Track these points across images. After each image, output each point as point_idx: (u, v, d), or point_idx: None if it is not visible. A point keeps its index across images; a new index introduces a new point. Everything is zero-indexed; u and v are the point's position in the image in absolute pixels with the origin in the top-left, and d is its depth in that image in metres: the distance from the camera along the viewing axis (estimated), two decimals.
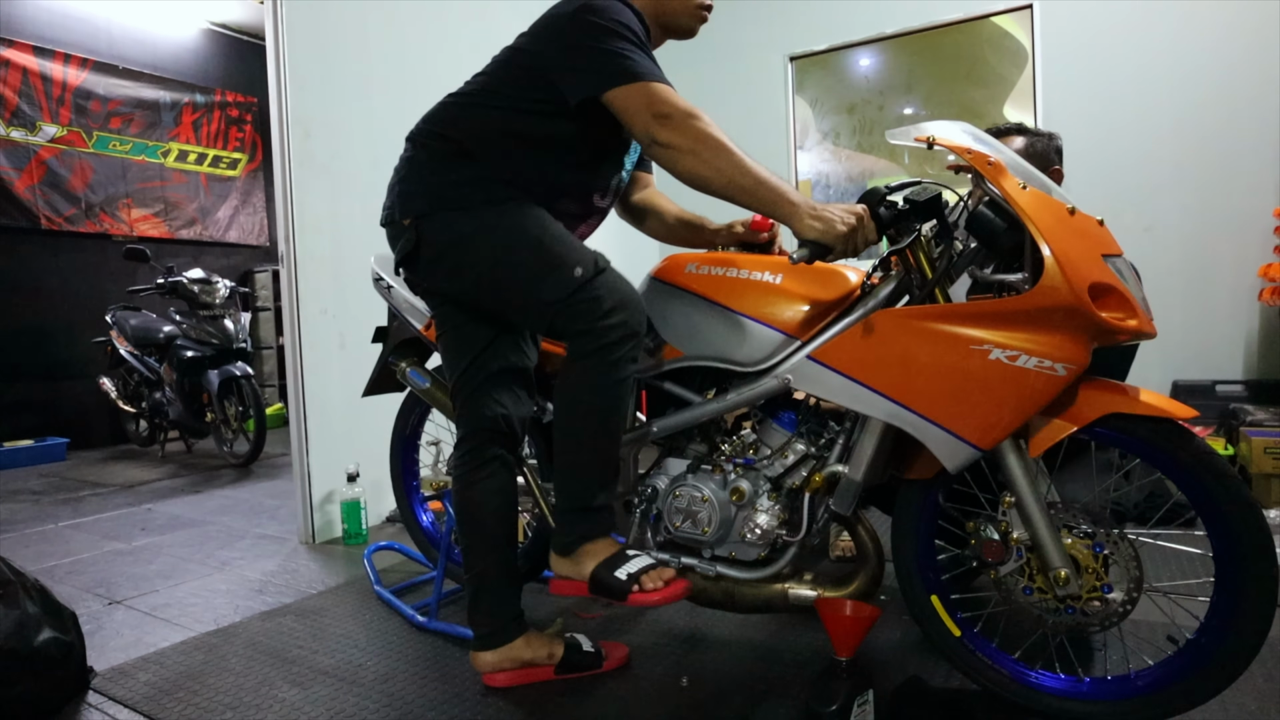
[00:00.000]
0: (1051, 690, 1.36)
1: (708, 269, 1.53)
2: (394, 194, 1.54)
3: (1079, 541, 1.30)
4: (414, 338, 1.92)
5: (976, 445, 1.25)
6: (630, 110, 1.35)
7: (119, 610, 2.13)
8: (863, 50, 3.95)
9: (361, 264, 2.77)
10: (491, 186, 1.46)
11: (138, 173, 5.37)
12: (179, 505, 3.39)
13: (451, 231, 1.46)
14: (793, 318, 1.41)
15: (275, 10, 2.58)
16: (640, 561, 1.45)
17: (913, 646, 1.68)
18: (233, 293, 4.36)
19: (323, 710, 1.51)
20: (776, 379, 1.42)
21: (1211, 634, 1.24)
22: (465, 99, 1.52)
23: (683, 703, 1.49)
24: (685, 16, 1.56)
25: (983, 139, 1.33)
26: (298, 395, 2.69)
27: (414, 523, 2.18)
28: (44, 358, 4.92)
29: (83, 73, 5.07)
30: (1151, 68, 3.27)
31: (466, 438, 1.57)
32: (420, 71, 3.00)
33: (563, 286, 1.39)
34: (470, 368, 1.55)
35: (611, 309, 1.38)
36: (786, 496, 1.49)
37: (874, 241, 1.32)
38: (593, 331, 1.38)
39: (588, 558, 1.46)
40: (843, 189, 4.07)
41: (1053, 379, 1.19)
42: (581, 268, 1.40)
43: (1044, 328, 1.20)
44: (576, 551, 1.48)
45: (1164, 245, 3.25)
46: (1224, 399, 3.04)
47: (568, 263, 1.41)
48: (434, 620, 1.88)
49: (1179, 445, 1.22)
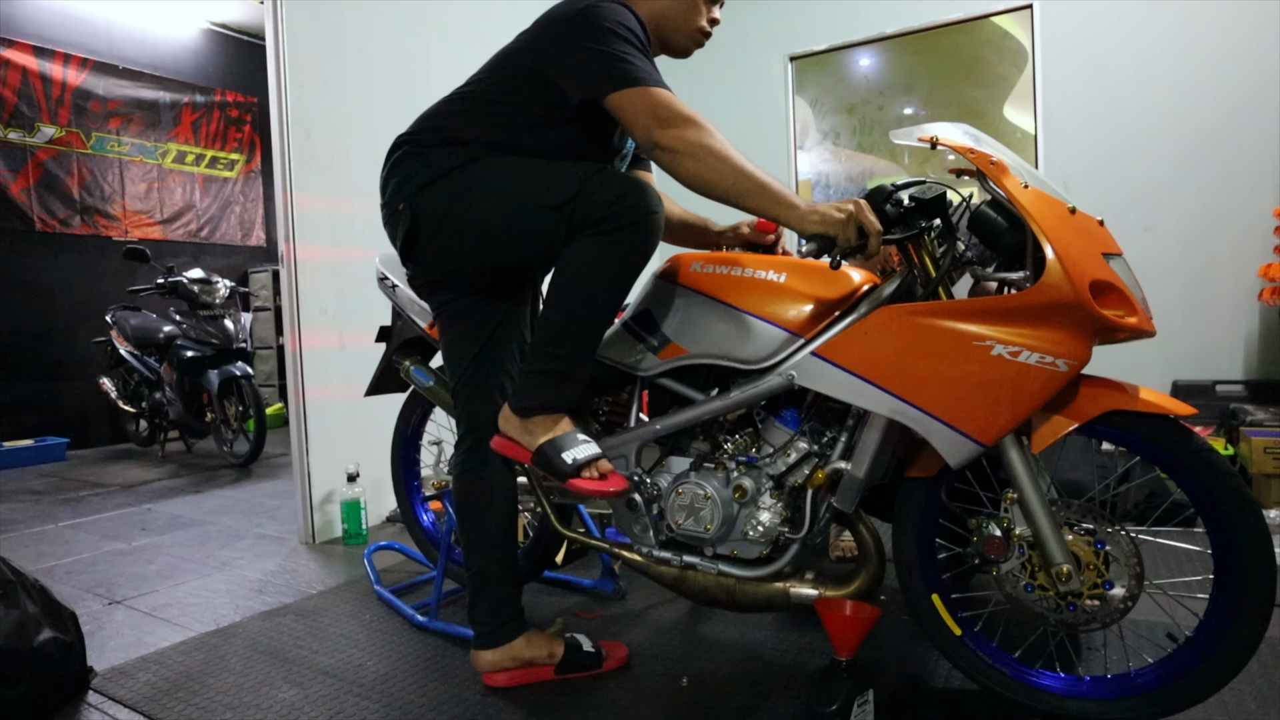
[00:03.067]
0: (1051, 689, 1.36)
1: (712, 268, 1.53)
2: (388, 191, 1.53)
3: (1080, 538, 1.30)
4: (417, 337, 1.93)
5: (979, 441, 1.25)
6: (632, 114, 1.35)
7: (119, 610, 2.13)
8: (863, 50, 3.95)
9: (361, 264, 2.78)
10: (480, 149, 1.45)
11: (135, 174, 5.37)
12: (179, 505, 3.39)
13: (447, 193, 1.45)
14: (797, 315, 1.42)
15: (275, 10, 2.58)
16: (588, 450, 1.45)
17: (913, 646, 1.68)
18: (233, 293, 4.36)
19: (323, 710, 1.51)
20: (780, 376, 1.42)
21: (1211, 632, 1.24)
22: (462, 102, 1.51)
23: (683, 703, 1.49)
24: (684, 38, 1.57)
25: (983, 140, 1.33)
26: (298, 395, 2.69)
27: (415, 522, 2.19)
28: (44, 358, 4.92)
29: (82, 73, 5.08)
30: (1151, 68, 3.28)
31: (467, 436, 1.58)
32: (420, 71, 3.00)
33: (568, 186, 1.37)
34: (472, 366, 1.55)
35: (623, 193, 1.36)
36: (789, 494, 1.49)
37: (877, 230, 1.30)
38: (611, 216, 1.35)
39: (540, 429, 1.45)
40: (843, 189, 4.07)
41: (1054, 375, 1.20)
42: (580, 170, 1.39)
43: (1046, 324, 1.21)
44: (531, 419, 1.46)
45: (1164, 245, 3.25)
46: (1224, 399, 3.04)
47: (567, 169, 1.40)
48: (434, 620, 1.88)
49: (1179, 443, 1.23)
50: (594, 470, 1.44)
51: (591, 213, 1.35)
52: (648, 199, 1.36)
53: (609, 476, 1.46)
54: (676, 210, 1.80)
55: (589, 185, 1.36)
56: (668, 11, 1.53)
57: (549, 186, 1.38)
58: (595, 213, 1.35)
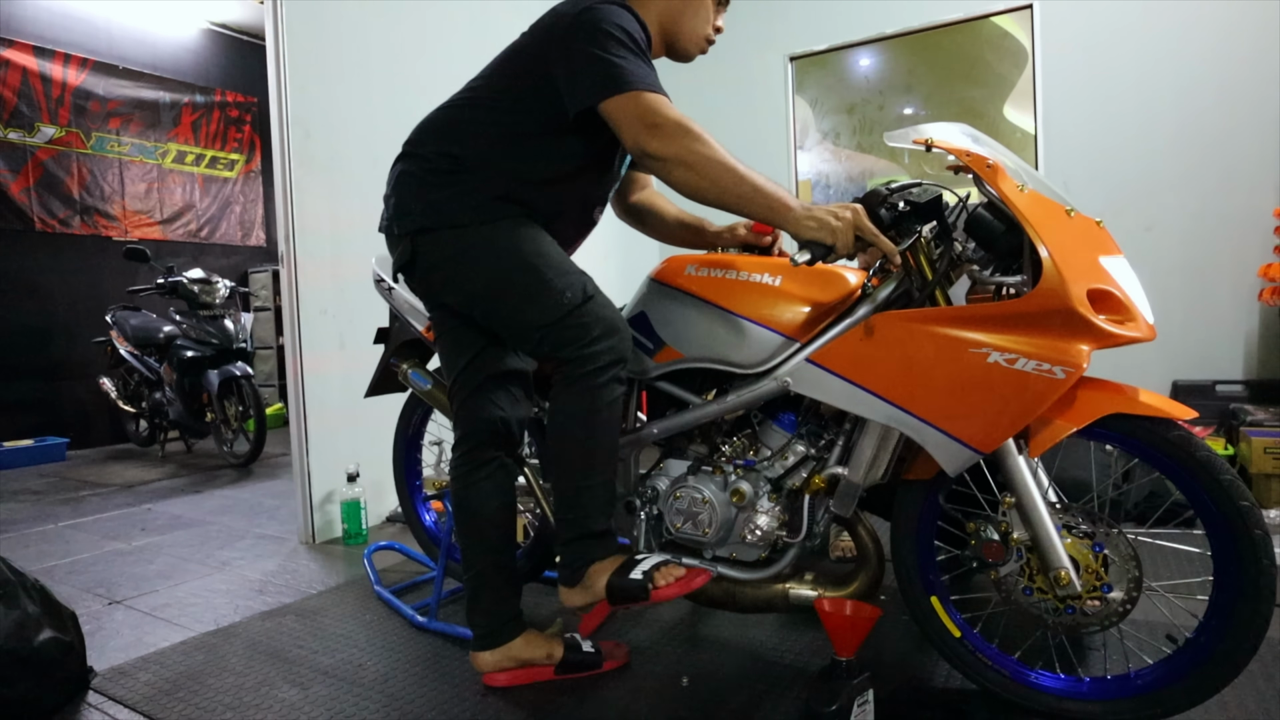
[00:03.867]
0: (1051, 690, 1.36)
1: (707, 271, 1.52)
2: (390, 206, 1.54)
3: (1079, 541, 1.30)
4: (415, 339, 1.92)
5: (977, 449, 1.25)
6: (622, 120, 1.34)
7: (119, 610, 2.13)
8: (863, 50, 3.95)
9: (362, 264, 2.77)
10: (487, 204, 1.46)
11: (134, 174, 5.37)
12: (179, 505, 3.39)
13: (447, 249, 1.47)
14: (792, 320, 1.41)
15: (275, 10, 2.58)
16: (651, 560, 1.44)
17: (913, 646, 1.68)
18: (233, 293, 4.36)
19: (323, 710, 1.52)
20: (776, 381, 1.42)
21: (1210, 633, 1.24)
22: (463, 107, 1.51)
23: (683, 703, 1.49)
24: (690, 44, 1.57)
25: (981, 140, 1.33)
26: (298, 395, 2.69)
27: (416, 522, 2.19)
28: (44, 358, 4.92)
29: (82, 73, 5.07)
30: (1152, 68, 3.27)
31: (464, 440, 1.58)
32: (420, 72, 3.00)
33: (551, 311, 1.40)
34: (467, 370, 1.55)
35: (598, 336, 1.39)
36: (787, 498, 1.49)
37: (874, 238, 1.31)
38: (579, 358, 1.40)
39: (598, 575, 1.45)
40: (843, 189, 4.07)
41: (1052, 382, 1.19)
42: (570, 293, 1.41)
43: (1043, 331, 1.20)
44: (585, 575, 1.46)
45: (1164, 245, 3.25)
46: (1224, 399, 3.04)
47: (557, 288, 1.41)
48: (434, 620, 1.88)
49: (1178, 445, 1.22)
50: (668, 575, 1.42)
51: (561, 347, 1.41)
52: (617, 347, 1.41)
53: (688, 571, 1.43)
54: (673, 211, 1.79)
55: (570, 318, 1.40)
56: (676, 17, 1.52)
57: (535, 301, 1.42)
58: (564, 349, 1.41)
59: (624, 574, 1.42)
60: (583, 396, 1.41)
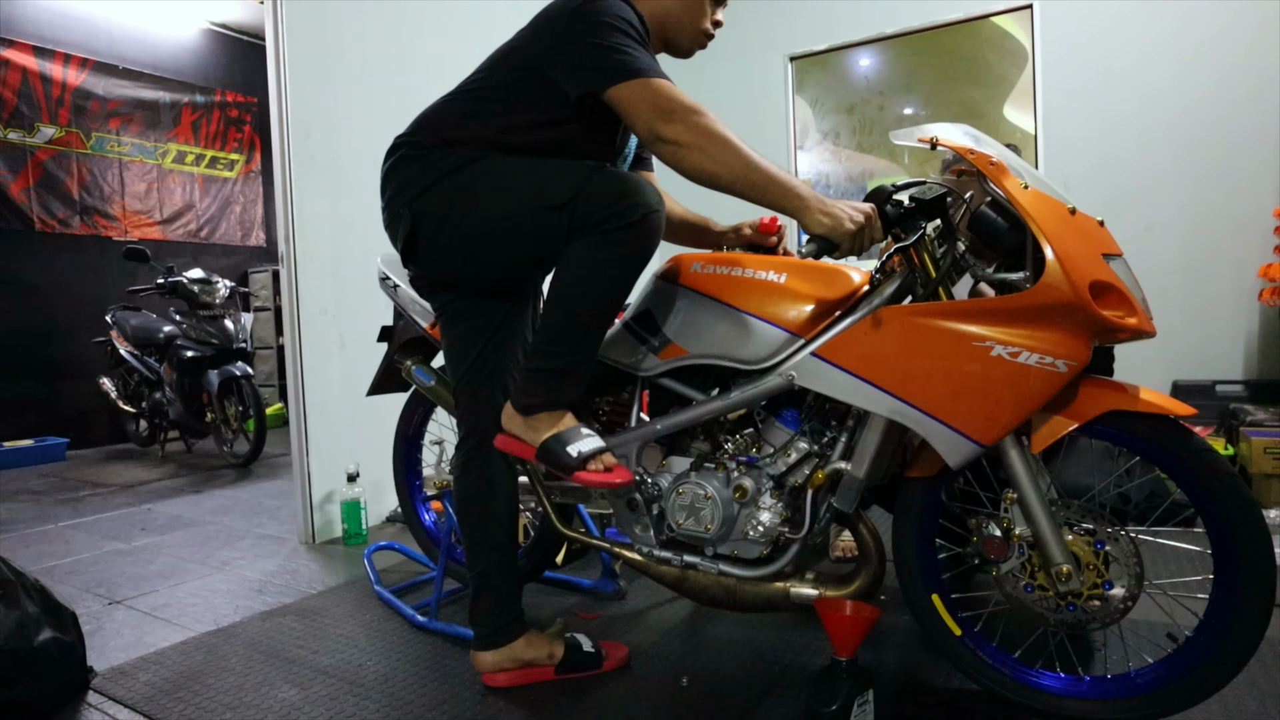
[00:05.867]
0: (1051, 689, 1.36)
1: (714, 268, 1.53)
2: (388, 193, 1.52)
3: (1080, 538, 1.30)
4: (419, 336, 1.92)
5: (979, 441, 1.25)
6: (633, 107, 1.33)
7: (119, 610, 2.13)
8: (863, 50, 3.95)
9: (362, 264, 2.78)
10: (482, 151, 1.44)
11: (134, 174, 5.37)
12: (179, 505, 3.39)
13: (447, 195, 1.44)
14: (797, 316, 1.41)
15: (275, 10, 2.58)
16: (592, 442, 1.44)
17: (913, 646, 1.68)
18: (233, 293, 4.36)
19: (323, 710, 1.51)
20: (780, 376, 1.42)
21: (1211, 632, 1.24)
22: (461, 101, 1.50)
23: (683, 703, 1.49)
24: (688, 38, 1.56)
25: (984, 140, 1.33)
26: (298, 395, 2.68)
27: (416, 522, 2.19)
28: (44, 358, 4.92)
29: (82, 73, 5.07)
30: (1151, 68, 3.28)
31: (468, 437, 1.58)
32: (420, 71, 3.00)
33: (569, 186, 1.35)
34: (473, 367, 1.54)
35: (624, 192, 1.34)
36: (789, 494, 1.49)
37: (880, 240, 1.32)
38: (612, 216, 1.33)
39: (543, 425, 1.44)
40: (843, 189, 4.07)
41: (1054, 375, 1.20)
42: (579, 170, 1.37)
43: (1045, 325, 1.21)
44: (534, 415, 1.45)
45: (1164, 245, 3.25)
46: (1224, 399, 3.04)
47: (567, 167, 1.38)
48: (434, 620, 1.88)
49: (1178, 443, 1.23)
50: (599, 463, 1.43)
51: (592, 213, 1.33)
52: (648, 197, 1.35)
53: (614, 469, 1.45)
54: (678, 210, 1.79)
55: (589, 184, 1.34)
56: (673, 11, 1.52)
57: (549, 186, 1.37)
58: (596, 213, 1.33)
59: (564, 442, 1.42)
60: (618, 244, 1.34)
